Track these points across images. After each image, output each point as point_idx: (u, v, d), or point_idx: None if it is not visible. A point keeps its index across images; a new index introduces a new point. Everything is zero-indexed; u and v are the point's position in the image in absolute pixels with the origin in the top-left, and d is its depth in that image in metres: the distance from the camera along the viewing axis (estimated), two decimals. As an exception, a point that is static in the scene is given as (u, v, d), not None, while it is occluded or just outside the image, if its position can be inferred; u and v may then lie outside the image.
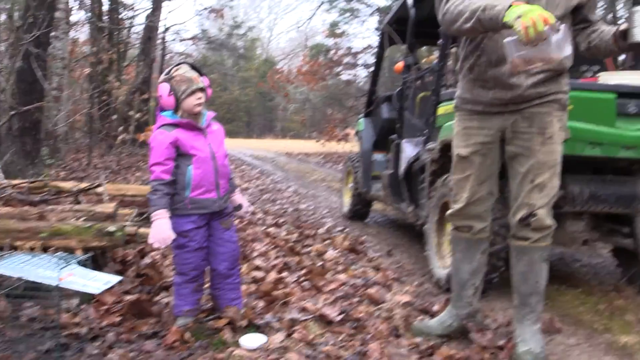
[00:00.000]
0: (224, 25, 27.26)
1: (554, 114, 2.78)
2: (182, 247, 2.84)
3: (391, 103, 6.39)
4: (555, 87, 2.78)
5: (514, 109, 2.80)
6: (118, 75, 16.63)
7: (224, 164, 2.94)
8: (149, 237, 2.69)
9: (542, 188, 2.79)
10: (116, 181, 7.42)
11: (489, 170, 2.93)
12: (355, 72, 21.68)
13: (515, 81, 2.73)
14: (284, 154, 22.81)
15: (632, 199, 3.83)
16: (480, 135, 2.89)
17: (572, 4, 2.74)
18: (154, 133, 2.81)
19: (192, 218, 2.82)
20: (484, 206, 2.98)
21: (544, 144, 2.77)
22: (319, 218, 7.18)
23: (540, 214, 2.79)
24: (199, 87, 2.81)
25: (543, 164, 2.78)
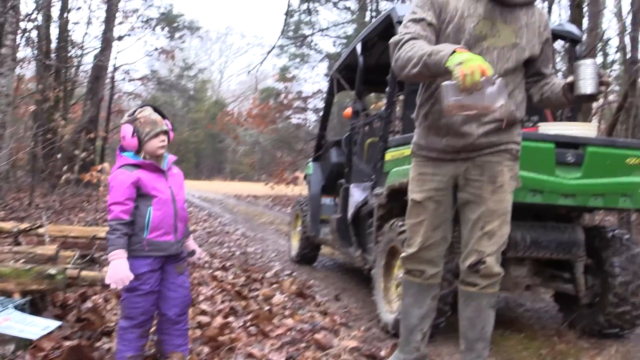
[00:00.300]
0: (175, 66, 27.25)
1: (505, 163, 2.87)
2: (133, 290, 2.76)
3: (340, 148, 6.46)
4: (507, 137, 2.87)
5: (465, 157, 2.87)
6: (64, 113, 16.35)
7: (183, 207, 2.92)
8: (106, 278, 2.63)
9: (491, 236, 2.85)
10: (59, 222, 7.22)
11: (443, 216, 2.98)
12: (305, 116, 21.91)
13: (467, 130, 2.81)
14: (233, 196, 22.68)
15: (572, 245, 3.95)
16: (434, 182, 2.95)
17: (524, 57, 2.85)
18: (114, 172, 2.78)
19: (147, 260, 2.77)
20: (437, 251, 3.02)
21: (494, 192, 2.84)
22: (266, 261, 7.13)
23: (489, 261, 2.86)
24: (163, 129, 2.81)
25: (493, 212, 2.84)
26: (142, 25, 22.36)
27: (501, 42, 2.79)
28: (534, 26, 2.86)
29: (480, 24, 2.77)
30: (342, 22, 21.65)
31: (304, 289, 5.23)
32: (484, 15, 2.78)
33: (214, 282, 4.99)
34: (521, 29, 2.82)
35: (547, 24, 2.94)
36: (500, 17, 2.80)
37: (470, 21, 2.77)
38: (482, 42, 2.77)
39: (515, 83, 2.86)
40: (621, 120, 9.50)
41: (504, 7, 2.81)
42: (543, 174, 3.65)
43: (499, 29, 2.79)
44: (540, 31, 2.88)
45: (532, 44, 2.85)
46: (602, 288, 4.07)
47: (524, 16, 2.84)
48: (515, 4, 2.81)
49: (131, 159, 2.78)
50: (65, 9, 17.46)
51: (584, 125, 4.46)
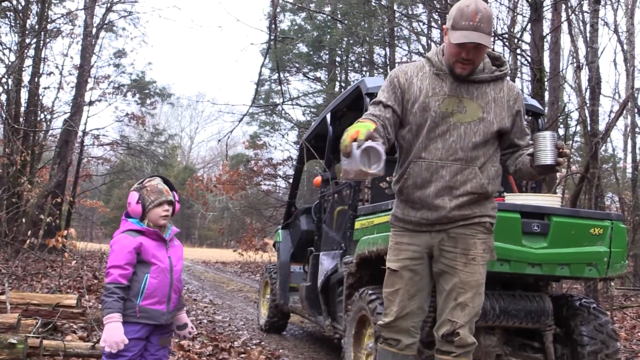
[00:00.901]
0: (145, 131, 27.27)
1: (478, 236, 2.93)
2: (115, 356, 2.72)
3: (310, 215, 6.48)
4: (480, 210, 2.94)
5: (440, 229, 2.93)
6: (31, 177, 16.15)
7: (179, 279, 2.94)
8: (101, 340, 2.63)
9: (463, 307, 2.88)
10: (20, 288, 7.03)
11: (418, 285, 2.99)
12: (275, 183, 21.98)
13: (440, 203, 2.88)
14: (201, 263, 22.37)
15: (540, 314, 3.98)
16: (409, 251, 2.99)
17: (492, 130, 2.93)
18: (117, 237, 2.82)
19: (136, 328, 2.76)
20: (413, 321, 3.01)
21: (467, 264, 2.90)
22: (234, 330, 7.00)
23: (462, 333, 2.88)
24: (168, 199, 2.88)
25: (465, 284, 2.89)
26: (114, 91, 22.50)
27: (468, 118, 2.89)
28: (502, 100, 2.96)
29: (446, 102, 2.89)
30: (312, 92, 22.09)
31: (273, 359, 5.13)
32: (449, 92, 2.91)
33: (180, 352, 4.88)
34: (488, 103, 2.93)
35: (518, 97, 3.03)
36: (467, 94, 2.91)
37: (435, 99, 2.89)
38: (448, 118, 2.88)
39: (486, 156, 2.94)
40: (584, 190, 9.74)
41: (470, 84, 2.92)
42: (510, 244, 3.71)
43: (465, 105, 2.90)
44: (509, 104, 2.98)
45: (501, 117, 2.95)
46: (571, 357, 4.08)
47: (491, 92, 2.95)
48: (481, 80, 2.93)
49: (135, 225, 2.84)
50: (37, 73, 17.51)
51: (548, 195, 4.58)
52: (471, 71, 2.88)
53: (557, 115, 9.71)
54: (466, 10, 2.75)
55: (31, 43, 16.24)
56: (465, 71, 2.87)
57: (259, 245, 20.21)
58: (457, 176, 2.87)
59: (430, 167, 2.90)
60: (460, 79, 2.90)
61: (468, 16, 2.75)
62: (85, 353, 3.80)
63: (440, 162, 2.88)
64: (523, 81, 13.55)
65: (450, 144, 2.88)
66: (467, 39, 2.75)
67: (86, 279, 8.83)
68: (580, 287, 9.85)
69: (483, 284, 2.95)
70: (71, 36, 19.16)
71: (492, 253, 3.02)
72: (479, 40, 2.74)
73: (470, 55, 2.81)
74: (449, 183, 2.88)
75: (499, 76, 2.98)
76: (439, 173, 2.89)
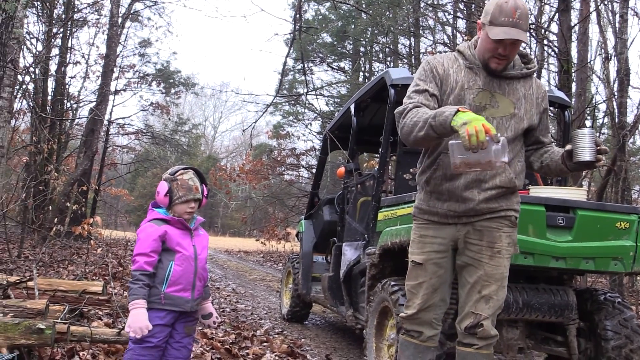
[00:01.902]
0: (169, 121, 27.45)
1: (504, 230, 2.94)
2: (141, 341, 2.78)
3: (333, 206, 6.49)
4: (507, 204, 2.95)
5: (466, 222, 2.94)
6: (57, 165, 16.38)
7: (204, 267, 2.98)
8: (126, 326, 2.69)
9: (488, 300, 2.89)
10: (48, 275, 7.15)
11: (442, 278, 3.00)
12: (298, 173, 22.00)
13: (469, 195, 2.89)
14: (224, 252, 22.54)
15: (563, 308, 3.95)
16: (435, 244, 3.00)
17: (522, 127, 2.95)
18: (143, 225, 2.88)
19: (161, 314, 2.81)
20: (436, 313, 3.03)
21: (492, 257, 2.90)
22: (257, 319, 7.05)
23: (486, 325, 2.89)
24: (196, 197, 2.93)
25: (490, 276, 2.90)
26: (139, 81, 22.69)
27: (500, 113, 2.91)
28: (532, 97, 2.99)
29: (480, 95, 2.91)
30: (335, 82, 22.04)
31: (295, 348, 5.17)
32: (483, 86, 2.92)
33: (203, 340, 4.93)
34: (519, 100, 2.95)
35: (545, 95, 3.07)
36: (499, 89, 2.94)
37: (470, 92, 2.91)
38: (481, 112, 2.88)
39: (514, 152, 2.96)
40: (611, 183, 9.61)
41: (502, 80, 2.95)
42: (534, 237, 3.68)
43: (497, 100, 2.92)
44: (538, 102, 3.01)
45: (530, 114, 2.97)
46: (595, 352, 4.05)
47: (522, 88, 2.97)
48: (513, 76, 2.95)
49: (161, 214, 2.90)
50: (63, 63, 17.72)
51: (574, 189, 4.53)
52: (505, 67, 2.91)
53: (585, 107, 9.57)
54: (505, 6, 2.76)
55: (58, 33, 16.43)
56: (501, 66, 2.89)
57: (281, 234, 20.30)
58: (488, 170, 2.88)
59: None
60: (494, 74, 2.92)
61: (507, 12, 2.75)
62: (111, 339, 3.86)
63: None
64: (550, 72, 13.36)
65: None
66: (508, 36, 2.75)
67: (111, 266, 8.96)
68: (605, 281, 9.74)
69: (507, 277, 2.96)
70: (97, 26, 19.35)
71: (516, 247, 3.02)
72: (518, 36, 2.76)
73: (507, 51, 2.83)
74: (479, 176, 2.89)
75: (528, 73, 3.01)
76: None
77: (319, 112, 20.78)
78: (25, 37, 12.93)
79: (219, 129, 58.27)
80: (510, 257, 2.99)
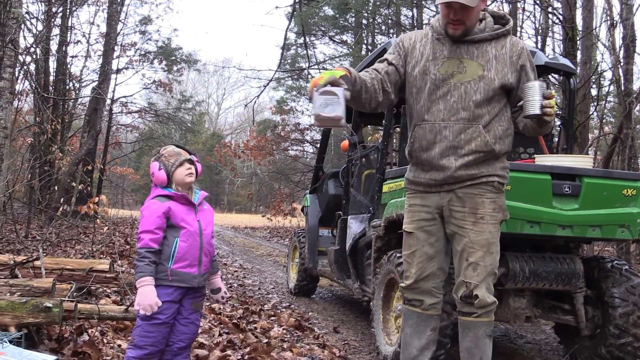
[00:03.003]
0: (172, 99, 27.38)
1: (487, 195, 2.94)
2: (149, 317, 2.79)
3: (337, 180, 6.48)
4: (488, 170, 2.94)
5: (448, 189, 2.97)
6: (62, 146, 16.38)
7: (210, 242, 2.98)
8: (135, 304, 2.69)
9: (475, 267, 2.91)
10: (55, 254, 7.18)
11: (435, 246, 3.03)
12: (302, 148, 21.96)
13: (445, 163, 2.92)
14: (230, 228, 22.63)
15: (571, 276, 3.94)
16: (422, 212, 3.04)
17: (493, 87, 2.91)
18: (147, 203, 2.88)
19: (169, 290, 2.81)
20: (434, 282, 3.06)
21: (476, 223, 2.92)
22: (264, 293, 7.09)
23: (480, 294, 2.89)
24: (187, 158, 2.93)
25: (475, 243, 2.91)
26: (140, 59, 22.56)
27: (468, 77, 2.92)
28: (504, 57, 2.94)
29: (446, 64, 2.94)
30: (338, 56, 21.88)
31: (303, 321, 5.19)
32: (449, 55, 2.95)
33: (211, 315, 4.95)
34: (489, 61, 2.92)
35: (522, 52, 2.98)
36: (466, 54, 2.94)
37: (435, 63, 2.96)
38: (449, 79, 2.92)
39: (491, 115, 2.93)
40: (617, 151, 9.56)
41: (470, 44, 2.95)
42: (540, 205, 3.66)
43: (465, 66, 2.93)
44: (512, 60, 2.95)
45: (503, 73, 2.92)
46: (602, 319, 4.05)
47: (492, 49, 2.95)
48: (481, 39, 2.94)
49: (164, 191, 2.89)
50: (64, 42, 17.62)
51: (580, 156, 4.49)
52: (464, 31, 2.91)
53: (590, 74, 9.48)
54: None
55: (58, 12, 16.30)
56: (458, 31, 2.90)
57: (287, 210, 20.34)
58: (461, 135, 2.89)
59: (433, 128, 2.95)
60: (461, 40, 2.93)
61: None
62: (118, 316, 3.87)
63: (443, 123, 2.93)
64: (554, 40, 13.22)
65: (451, 104, 2.92)
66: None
67: (118, 244, 9.00)
68: (612, 249, 9.73)
69: (495, 242, 2.96)
70: (97, 4, 19.16)
71: (504, 212, 3.03)
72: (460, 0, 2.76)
73: (458, 16, 2.85)
74: (453, 143, 2.90)
75: (500, 34, 2.97)
76: (442, 134, 2.93)
77: (322, 86, 20.66)
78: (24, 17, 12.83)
79: (222, 105, 58.21)
80: (499, 222, 2.99)
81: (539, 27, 11.96)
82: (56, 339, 3.63)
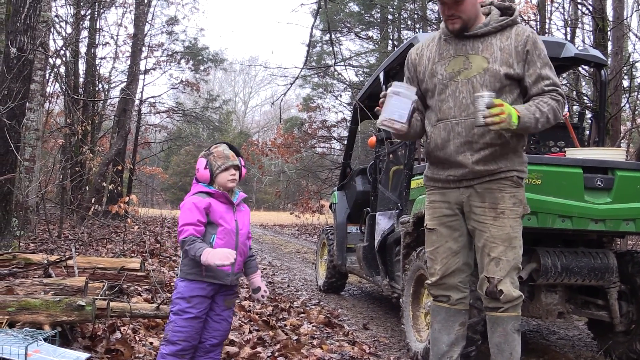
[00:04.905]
0: (200, 98, 27.54)
1: (506, 190, 2.91)
2: (181, 312, 2.82)
3: (365, 176, 6.46)
4: (506, 165, 2.91)
5: (467, 185, 2.97)
6: (92, 146, 16.62)
7: (245, 242, 3.00)
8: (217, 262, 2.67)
9: (497, 262, 2.89)
10: (87, 253, 7.29)
11: (459, 241, 3.03)
12: (329, 145, 21.93)
13: (462, 159, 2.92)
14: (259, 226, 22.73)
15: (604, 271, 3.88)
16: (443, 208, 3.05)
17: (499, 77, 2.87)
18: (187, 197, 2.91)
19: (202, 285, 2.84)
20: (460, 277, 3.05)
21: (496, 218, 2.90)
22: (294, 291, 7.10)
23: (505, 289, 2.87)
24: (234, 164, 2.94)
25: (496, 238, 2.89)
26: (167, 59, 22.76)
27: (474, 72, 2.91)
28: (509, 47, 2.90)
29: (453, 63, 2.96)
30: (364, 52, 21.80)
31: (332, 318, 5.19)
32: (455, 53, 2.97)
33: (241, 312, 4.98)
34: (493, 53, 2.90)
35: (528, 39, 2.91)
36: (472, 50, 2.94)
37: (441, 64, 2.99)
38: (456, 77, 2.94)
39: None
40: (650, 143, 9.36)
41: (475, 39, 2.95)
42: (572, 200, 3.61)
43: (471, 61, 2.92)
44: (518, 50, 2.90)
45: (508, 63, 2.89)
46: (637, 315, 3.98)
47: (497, 42, 2.92)
48: (485, 33, 2.93)
49: (205, 188, 2.92)
50: (93, 44, 17.87)
51: (612, 149, 4.41)
52: (463, 25, 2.92)
53: (621, 66, 9.30)
54: None
55: (86, 14, 16.54)
56: (456, 25, 2.92)
57: (315, 207, 20.35)
58: (474, 130, 2.87)
59: (446, 126, 2.95)
60: (466, 37, 2.94)
61: None
62: (150, 314, 3.91)
63: (454, 120, 2.93)
64: (584, 31, 12.98)
65: (461, 100, 2.92)
66: None
67: (149, 243, 9.10)
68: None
69: (516, 237, 2.93)
70: (124, 6, 19.39)
71: (525, 207, 2.99)
72: None
73: (452, 10, 2.88)
74: (467, 138, 2.89)
75: (504, 25, 2.94)
76: (455, 131, 2.92)
77: (348, 83, 20.61)
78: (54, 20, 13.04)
79: (249, 104, 58.37)
80: (520, 217, 2.96)
81: (568, 19, 11.77)
82: (89, 337, 3.68)
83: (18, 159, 7.12)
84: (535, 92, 2.91)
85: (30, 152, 9.40)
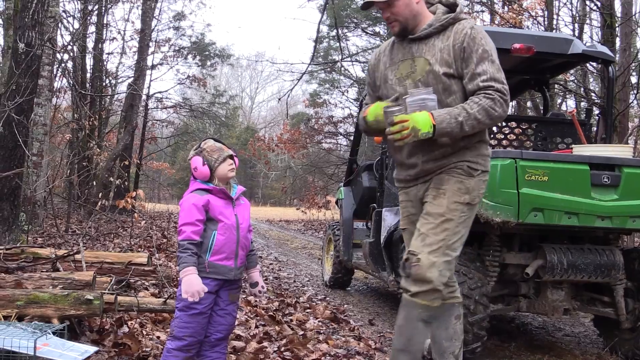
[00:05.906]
0: (206, 93, 27.57)
1: (456, 177, 2.89)
2: (186, 308, 2.84)
3: (372, 172, 6.46)
4: (457, 158, 2.90)
5: (422, 181, 3.00)
6: (99, 141, 16.67)
7: (246, 236, 3.01)
8: (182, 292, 2.74)
9: (424, 237, 2.82)
10: (94, 248, 7.32)
11: None
12: (336, 141, 21.94)
13: (413, 161, 2.97)
14: (265, 221, 22.76)
15: (610, 268, 3.87)
16: (409, 207, 3.10)
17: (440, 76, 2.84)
18: (185, 196, 2.93)
19: (206, 281, 2.85)
20: None
21: (436, 197, 2.88)
22: (300, 286, 7.12)
23: (422, 260, 2.76)
24: (229, 154, 2.98)
25: (430, 215, 2.86)
26: (174, 54, 22.78)
27: (418, 75, 2.91)
28: (449, 46, 2.87)
29: (401, 67, 2.97)
30: (371, 48, 21.77)
31: (338, 314, 5.20)
32: (402, 57, 2.97)
33: (247, 307, 5.00)
34: (435, 54, 2.88)
35: (466, 36, 2.83)
36: (417, 52, 2.93)
37: (392, 69, 3.01)
38: (405, 81, 2.94)
39: (443, 105, 2.83)
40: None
41: (420, 42, 2.93)
42: (578, 196, 3.61)
43: (416, 64, 2.92)
44: (455, 48, 2.85)
45: (447, 62, 2.85)
46: (643, 312, 3.98)
47: (439, 42, 2.89)
48: (428, 35, 2.90)
49: (203, 184, 2.94)
50: (100, 40, 17.90)
51: (619, 146, 4.41)
52: (403, 28, 2.92)
53: (630, 62, 9.26)
54: None
55: (93, 10, 16.57)
56: (395, 29, 2.94)
57: (321, 203, 20.37)
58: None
59: None
60: (412, 40, 2.93)
61: None
62: (157, 308, 3.94)
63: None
64: (592, 28, 12.94)
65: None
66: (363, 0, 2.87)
67: (155, 238, 9.13)
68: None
69: (452, 220, 2.82)
70: (131, 1, 19.39)
71: (472, 196, 2.88)
72: None
73: (387, 14, 2.89)
74: (417, 142, 2.81)
75: (445, 25, 2.89)
76: None
77: (355, 79, 20.61)
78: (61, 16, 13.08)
79: (255, 99, 58.39)
80: (463, 204, 2.85)
81: (576, 15, 11.73)
82: (97, 331, 3.71)
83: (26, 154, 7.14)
84: (471, 90, 2.83)
85: (38, 147, 9.44)
